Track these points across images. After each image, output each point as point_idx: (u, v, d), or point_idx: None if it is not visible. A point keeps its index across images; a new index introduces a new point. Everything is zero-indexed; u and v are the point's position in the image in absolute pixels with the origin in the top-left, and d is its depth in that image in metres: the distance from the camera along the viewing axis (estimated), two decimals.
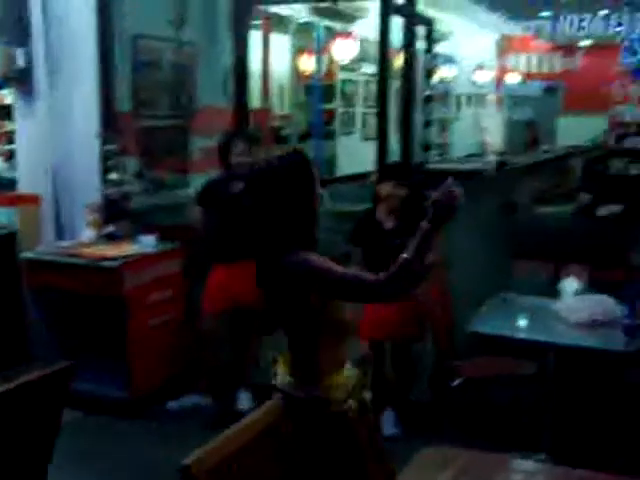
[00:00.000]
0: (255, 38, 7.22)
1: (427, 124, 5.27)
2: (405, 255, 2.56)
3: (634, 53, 4.74)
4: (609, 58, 5.04)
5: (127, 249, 5.09)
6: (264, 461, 2.37)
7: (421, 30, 6.25)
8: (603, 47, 5.16)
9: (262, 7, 7.31)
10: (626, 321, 4.02)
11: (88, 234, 5.26)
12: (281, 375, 2.75)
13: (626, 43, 4.78)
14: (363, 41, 9.59)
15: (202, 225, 4.97)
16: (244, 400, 4.93)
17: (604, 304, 4.27)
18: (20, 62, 5.26)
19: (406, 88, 5.30)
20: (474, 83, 13.61)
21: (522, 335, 4.18)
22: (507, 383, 4.56)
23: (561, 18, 4.46)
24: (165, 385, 5.16)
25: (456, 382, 4.50)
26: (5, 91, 8.05)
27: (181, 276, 5.19)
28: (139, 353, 5.02)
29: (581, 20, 4.46)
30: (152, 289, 5.12)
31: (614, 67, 4.96)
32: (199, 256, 5.14)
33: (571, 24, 4.45)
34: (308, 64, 9.40)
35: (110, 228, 5.28)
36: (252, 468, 2.31)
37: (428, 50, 6.11)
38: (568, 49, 5.02)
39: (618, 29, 4.58)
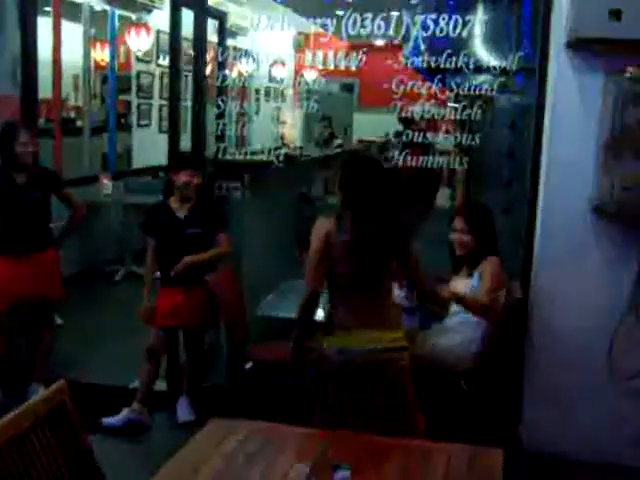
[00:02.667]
0: (46, 25, 7.04)
1: (219, 116, 5.36)
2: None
3: (418, 53, 5.03)
4: (396, 57, 5.34)
5: None
6: (51, 440, 2.41)
7: (215, 23, 6.33)
8: (392, 47, 5.46)
9: None
10: (406, 303, 4.32)
11: None
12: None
13: (411, 44, 5.06)
14: (159, 33, 9.56)
15: None
16: (36, 394, 4.86)
17: None
18: None
19: (196, 81, 5.36)
20: (273, 78, 13.85)
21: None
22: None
23: (346, 17, 4.69)
24: None
25: (248, 366, 4.66)
26: None
27: None
28: None
29: (363, 19, 4.71)
30: None
31: (399, 66, 5.27)
32: None
33: (354, 23, 4.70)
34: (103, 54, 9.26)
35: None
36: (39, 447, 2.34)
37: (220, 43, 6.20)
38: (360, 48, 5.24)
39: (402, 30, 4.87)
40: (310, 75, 7.06)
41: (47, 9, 7.49)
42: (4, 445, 2.23)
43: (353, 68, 5.17)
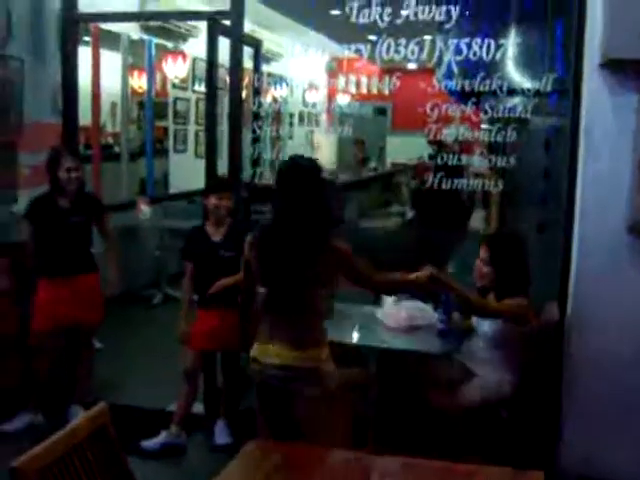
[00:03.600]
0: (85, 54, 7.19)
1: (255, 141, 5.43)
2: None
3: (451, 77, 5.07)
4: (429, 81, 5.36)
5: None
6: (92, 463, 2.45)
7: (250, 50, 6.42)
8: (426, 70, 5.50)
9: (91, 23, 7.29)
10: (440, 326, 4.33)
11: None
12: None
13: (444, 67, 5.10)
14: (196, 60, 9.70)
15: (30, 240, 4.95)
16: (76, 416, 4.92)
17: (421, 310, 4.57)
18: None
19: (233, 106, 5.45)
20: (306, 103, 13.96)
21: (348, 340, 4.39)
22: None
23: (380, 42, 4.74)
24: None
25: None
26: None
27: (10, 291, 5.11)
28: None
29: (397, 44, 4.77)
30: None
31: (433, 89, 5.29)
32: (29, 272, 5.10)
33: (388, 48, 4.75)
34: (140, 82, 9.40)
35: None
36: (80, 469, 2.38)
37: (256, 70, 6.29)
38: (393, 72, 5.28)
39: (435, 54, 4.92)
40: (343, 99, 7.12)
41: (86, 39, 7.64)
42: (46, 467, 2.27)
43: (386, 92, 5.21)
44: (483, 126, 5.21)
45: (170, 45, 9.39)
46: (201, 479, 2.75)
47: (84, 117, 7.25)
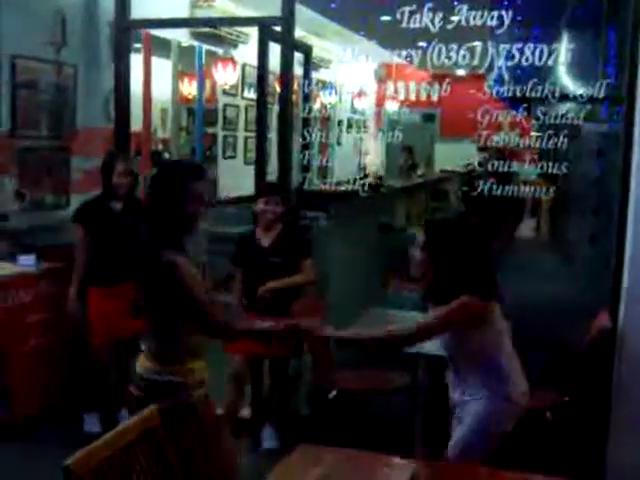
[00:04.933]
0: (136, 61, 7.27)
1: (305, 147, 5.45)
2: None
3: (502, 83, 5.04)
4: (479, 87, 5.34)
5: (5, 269, 5.06)
6: (143, 462, 2.47)
7: (300, 56, 6.45)
8: (475, 76, 5.46)
9: (143, 30, 7.38)
10: None
11: None
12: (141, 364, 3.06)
13: (494, 73, 5.07)
14: (245, 66, 9.76)
15: (81, 245, 4.99)
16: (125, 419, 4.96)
17: None
18: None
19: (284, 113, 5.47)
20: (355, 109, 13.97)
21: None
22: (383, 394, 4.75)
23: (430, 47, 4.73)
24: (49, 407, 5.14)
25: (332, 394, 4.67)
26: None
27: (63, 296, 5.17)
28: (19, 374, 4.98)
29: (448, 50, 4.75)
30: (32, 309, 5.09)
31: (483, 95, 5.26)
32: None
33: (439, 54, 4.73)
34: (190, 88, 9.48)
35: None
36: (131, 468, 2.41)
37: (306, 76, 6.31)
38: (443, 78, 5.25)
39: (486, 60, 4.89)
40: (392, 106, 7.12)
41: (138, 46, 7.73)
42: (98, 466, 2.29)
43: (435, 98, 5.19)
44: (534, 133, 5.16)
45: (220, 51, 9.46)
46: None
47: (135, 123, 7.35)
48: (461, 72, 6.52)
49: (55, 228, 5.61)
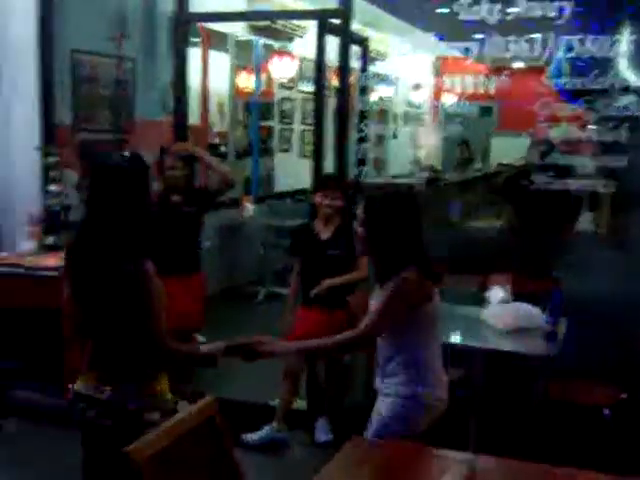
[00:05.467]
0: (194, 55, 7.34)
1: (361, 140, 5.44)
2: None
3: (561, 75, 4.98)
4: (538, 80, 5.27)
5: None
6: (200, 451, 2.51)
7: (357, 49, 6.43)
8: (533, 69, 5.38)
9: (201, 24, 7.44)
10: (547, 328, 4.25)
11: (28, 245, 5.30)
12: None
13: (553, 65, 5.01)
14: (301, 59, 9.77)
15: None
16: (181, 410, 4.99)
17: (527, 312, 4.50)
18: None
19: (341, 106, 5.46)
20: (411, 102, 13.90)
21: (452, 340, 4.37)
22: None
23: (488, 40, 4.68)
24: None
25: None
26: None
27: None
28: (77, 361, 5.05)
29: (507, 42, 4.70)
30: None
31: (541, 88, 5.19)
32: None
33: (497, 46, 4.68)
34: (247, 82, 9.53)
35: (50, 239, 5.33)
36: (189, 457, 2.44)
37: (363, 69, 6.29)
38: (500, 71, 5.19)
39: (545, 52, 4.82)
40: (448, 99, 7.07)
41: (196, 40, 7.79)
42: (156, 454, 2.33)
43: (492, 91, 5.14)
44: (594, 126, 5.09)
45: (277, 45, 9.49)
46: (302, 475, 2.76)
47: (192, 117, 7.41)
48: (519, 64, 6.44)
49: None
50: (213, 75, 8.48)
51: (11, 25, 5.33)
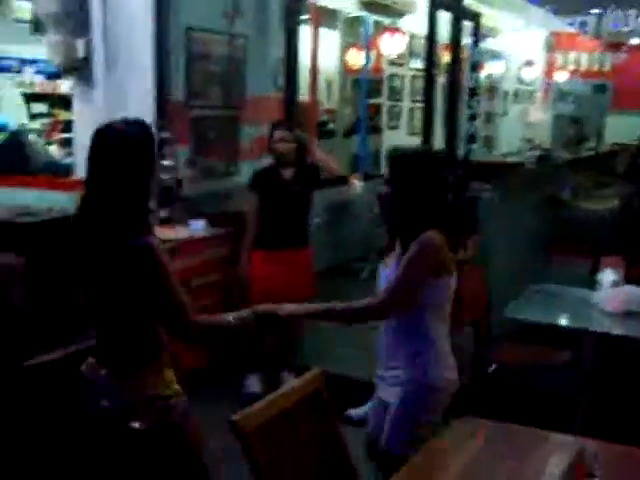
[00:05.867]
0: (305, 32, 7.37)
1: (472, 118, 5.37)
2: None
3: None
4: None
5: (179, 233, 5.28)
6: (305, 424, 2.55)
7: (468, 25, 6.35)
8: None
9: (312, 1, 7.46)
10: None
11: None
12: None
13: None
14: (411, 36, 9.70)
15: (255, 211, 5.12)
16: (287, 381, 5.07)
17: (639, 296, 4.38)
18: (80, 52, 5.46)
19: (452, 82, 5.41)
20: (522, 79, 13.64)
21: (562, 322, 4.29)
22: (542, 370, 4.67)
23: (606, 14, 4.53)
24: (207, 369, 5.33)
25: (492, 368, 4.63)
26: (63, 80, 8.34)
27: (227, 261, 5.33)
28: None
29: (627, 16, 4.53)
30: (200, 272, 5.29)
31: None
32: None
33: (616, 20, 4.52)
34: (356, 58, 9.53)
35: (163, 212, 5.46)
36: (294, 429, 2.48)
37: (475, 45, 6.21)
38: (616, 47, 5.01)
39: None
40: (561, 76, 6.89)
41: (306, 16, 7.83)
42: (263, 424, 2.37)
43: (607, 68, 4.99)
44: None
45: (387, 21, 9.44)
46: None
47: (301, 94, 7.46)
48: (636, 41, 6.23)
49: (224, 195, 5.80)
50: (322, 52, 8.51)
51: (128, 6, 5.47)
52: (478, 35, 6.30)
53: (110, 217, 2.45)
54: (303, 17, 7.11)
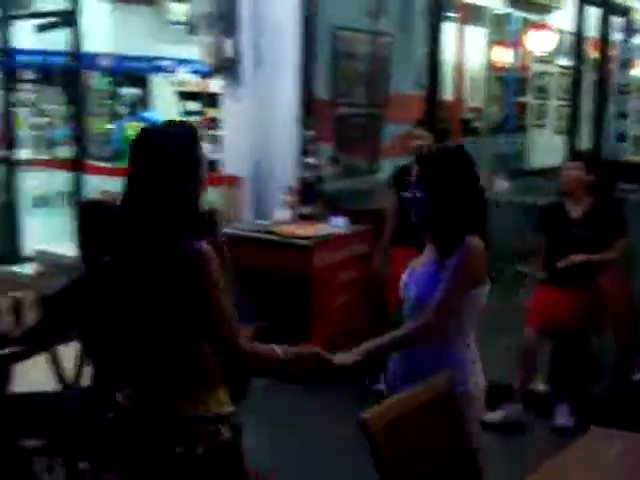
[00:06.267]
0: (450, 29, 7.32)
1: (622, 116, 5.19)
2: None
3: None
4: None
5: (320, 229, 5.35)
6: (433, 426, 2.53)
7: (619, 21, 6.14)
8: None
9: None
10: None
11: (283, 214, 5.57)
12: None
13: None
14: (558, 32, 9.46)
15: (394, 207, 5.11)
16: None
17: None
18: (228, 52, 5.63)
19: (600, 79, 5.25)
20: None
21: None
22: None
23: None
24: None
25: (638, 376, 4.47)
26: (211, 80, 8.61)
27: (368, 258, 5.37)
28: (322, 329, 5.25)
29: None
30: (340, 269, 5.35)
31: None
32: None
33: None
34: (502, 56, 9.37)
35: (305, 209, 5.56)
36: (420, 430, 2.47)
37: (625, 41, 6.00)
38: None
39: None
40: None
41: (451, 14, 7.77)
42: (390, 423, 2.36)
43: None
44: None
45: (533, 18, 9.25)
46: (536, 458, 2.69)
47: (446, 92, 7.41)
48: None
49: (365, 192, 5.84)
50: (468, 49, 8.43)
51: (276, 7, 5.60)
52: (628, 31, 6.08)
53: (153, 218, 2.29)
54: (449, 14, 7.06)
